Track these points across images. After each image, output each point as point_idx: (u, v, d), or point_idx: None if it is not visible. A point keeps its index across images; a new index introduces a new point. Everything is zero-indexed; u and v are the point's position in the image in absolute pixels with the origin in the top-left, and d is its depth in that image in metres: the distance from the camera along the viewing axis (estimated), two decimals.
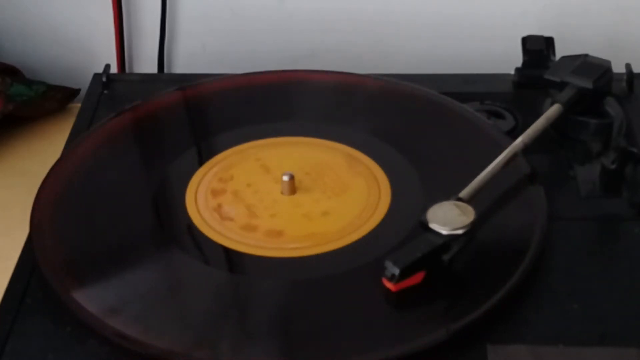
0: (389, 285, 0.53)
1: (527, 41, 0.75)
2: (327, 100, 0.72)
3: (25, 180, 0.71)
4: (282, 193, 0.62)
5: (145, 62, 0.89)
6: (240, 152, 0.67)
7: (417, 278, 0.53)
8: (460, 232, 0.55)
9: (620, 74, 0.72)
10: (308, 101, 0.72)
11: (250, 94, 0.73)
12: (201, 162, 0.66)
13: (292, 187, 0.62)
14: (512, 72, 0.74)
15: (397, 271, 0.53)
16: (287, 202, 0.62)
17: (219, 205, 0.61)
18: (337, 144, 0.67)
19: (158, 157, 0.67)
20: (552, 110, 0.66)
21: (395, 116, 0.70)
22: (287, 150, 0.67)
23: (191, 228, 0.60)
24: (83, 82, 0.81)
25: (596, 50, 0.71)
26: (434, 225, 0.55)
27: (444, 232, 0.54)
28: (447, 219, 0.55)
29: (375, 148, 0.66)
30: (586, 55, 0.70)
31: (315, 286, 0.55)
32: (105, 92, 0.76)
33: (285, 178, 0.62)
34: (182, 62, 0.89)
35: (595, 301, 0.54)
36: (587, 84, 0.67)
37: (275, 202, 0.62)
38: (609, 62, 0.69)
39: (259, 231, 0.59)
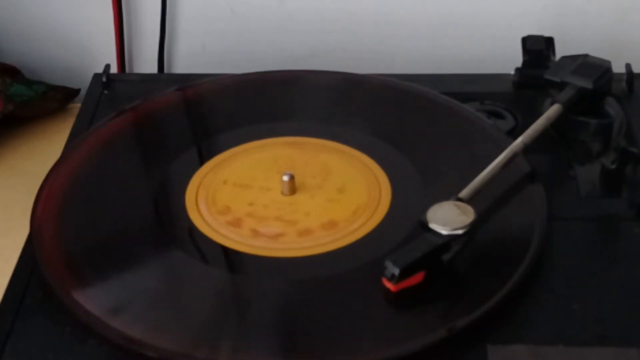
0: (389, 285, 0.53)
1: (527, 41, 0.75)
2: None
3: (25, 180, 0.71)
4: (282, 193, 0.62)
5: (145, 62, 0.89)
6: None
7: (417, 278, 0.53)
8: (460, 232, 0.55)
9: (620, 74, 0.72)
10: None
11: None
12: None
13: (292, 187, 0.62)
14: (512, 72, 0.74)
15: (397, 271, 0.53)
16: (287, 202, 0.62)
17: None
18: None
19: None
20: (552, 110, 0.66)
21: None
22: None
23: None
24: (83, 82, 0.81)
25: (596, 50, 0.71)
26: (433, 225, 0.55)
27: (444, 232, 0.54)
28: (447, 219, 0.55)
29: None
30: (586, 55, 0.70)
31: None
32: (105, 92, 0.76)
33: (285, 178, 0.62)
34: (182, 62, 0.89)
35: (595, 301, 0.54)
36: (587, 84, 0.67)
37: (275, 202, 0.62)
38: (609, 62, 0.69)
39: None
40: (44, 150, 0.77)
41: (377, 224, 0.59)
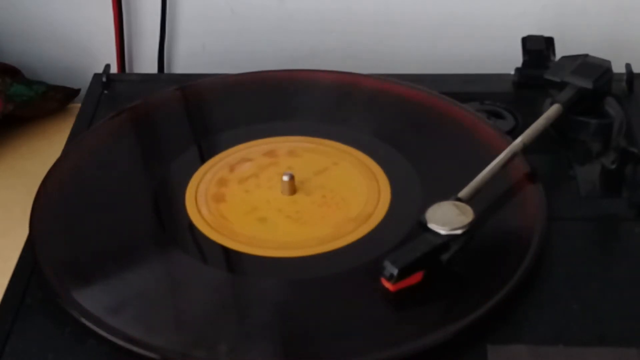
0: (388, 285, 0.53)
1: (527, 41, 0.75)
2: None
3: (25, 180, 0.71)
4: (282, 193, 0.62)
5: (145, 62, 0.89)
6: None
7: (416, 278, 0.53)
8: (459, 232, 0.55)
9: (620, 74, 0.72)
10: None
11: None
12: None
13: (292, 187, 0.62)
14: (512, 72, 0.74)
15: (395, 271, 0.53)
16: (287, 202, 0.62)
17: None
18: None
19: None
20: (552, 110, 0.66)
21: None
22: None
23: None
24: (83, 82, 0.81)
25: (596, 50, 0.71)
26: (432, 225, 0.55)
27: (443, 232, 0.54)
28: (446, 219, 0.55)
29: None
30: (586, 55, 0.70)
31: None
32: (105, 92, 0.76)
33: (285, 178, 0.62)
34: (182, 62, 0.89)
35: (595, 301, 0.54)
36: (587, 84, 0.67)
37: (275, 202, 0.62)
38: (609, 62, 0.69)
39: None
40: (44, 150, 0.77)
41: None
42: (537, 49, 0.74)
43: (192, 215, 0.61)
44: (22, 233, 0.60)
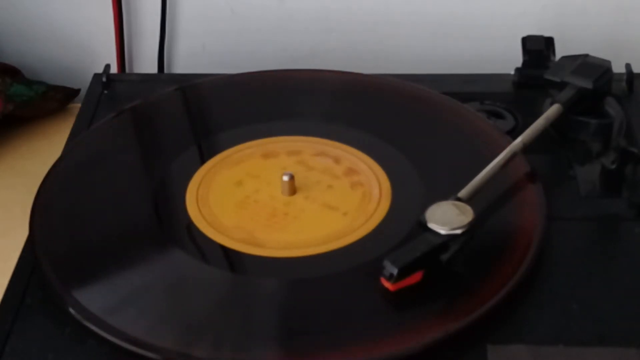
0: (387, 284, 0.53)
1: (527, 41, 0.75)
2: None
3: (25, 180, 0.71)
4: (282, 193, 0.62)
5: (145, 62, 0.89)
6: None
7: (416, 278, 0.53)
8: (458, 232, 0.55)
9: (620, 74, 0.72)
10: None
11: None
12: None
13: (292, 187, 0.62)
14: (512, 72, 0.74)
15: (395, 271, 0.53)
16: (287, 202, 0.62)
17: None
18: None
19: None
20: (552, 110, 0.66)
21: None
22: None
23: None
24: (83, 82, 0.81)
25: (596, 50, 0.71)
26: (432, 225, 0.55)
27: (443, 232, 0.54)
28: (446, 218, 0.55)
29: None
30: (586, 55, 0.70)
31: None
32: (105, 92, 0.76)
33: (285, 178, 0.62)
34: (182, 62, 0.89)
35: (595, 301, 0.54)
36: (587, 84, 0.67)
37: (275, 202, 0.62)
38: (609, 62, 0.69)
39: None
40: (44, 150, 0.77)
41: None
42: (537, 49, 0.74)
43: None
44: (22, 233, 0.60)
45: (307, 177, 0.63)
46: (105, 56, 0.85)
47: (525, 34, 0.75)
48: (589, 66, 0.68)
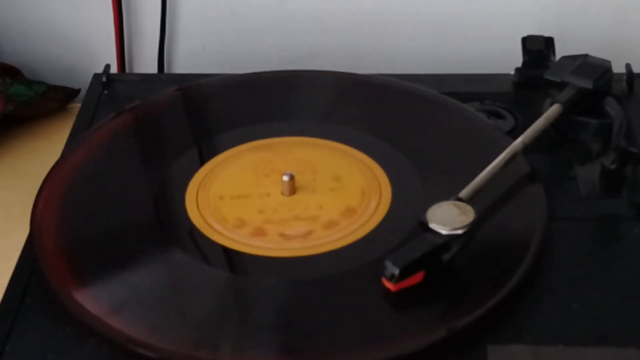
0: (389, 285, 0.53)
1: (527, 41, 0.75)
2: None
3: (25, 180, 0.71)
4: (282, 193, 0.62)
5: (145, 62, 0.89)
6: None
7: (417, 278, 0.53)
8: (459, 232, 0.55)
9: (620, 74, 0.72)
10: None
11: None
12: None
13: (292, 187, 0.62)
14: (512, 72, 0.74)
15: (396, 271, 0.53)
16: (287, 202, 0.62)
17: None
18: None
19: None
20: (552, 110, 0.66)
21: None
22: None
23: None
24: (83, 82, 0.81)
25: (596, 50, 0.71)
26: (433, 225, 0.55)
27: (444, 232, 0.54)
28: (447, 219, 0.55)
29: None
30: (586, 55, 0.70)
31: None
32: (105, 92, 0.76)
33: (286, 178, 0.62)
34: (182, 62, 0.89)
35: (595, 301, 0.54)
36: (587, 84, 0.67)
37: (275, 202, 0.62)
38: (609, 62, 0.69)
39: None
40: (44, 150, 0.77)
41: (377, 223, 0.59)
42: (537, 49, 0.74)
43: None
44: (22, 233, 0.60)
45: (307, 177, 0.63)
46: (105, 56, 0.85)
47: (525, 34, 0.75)
48: (589, 66, 0.68)
